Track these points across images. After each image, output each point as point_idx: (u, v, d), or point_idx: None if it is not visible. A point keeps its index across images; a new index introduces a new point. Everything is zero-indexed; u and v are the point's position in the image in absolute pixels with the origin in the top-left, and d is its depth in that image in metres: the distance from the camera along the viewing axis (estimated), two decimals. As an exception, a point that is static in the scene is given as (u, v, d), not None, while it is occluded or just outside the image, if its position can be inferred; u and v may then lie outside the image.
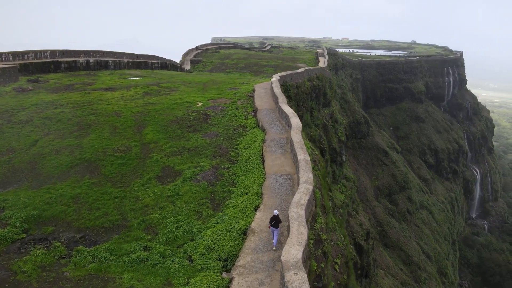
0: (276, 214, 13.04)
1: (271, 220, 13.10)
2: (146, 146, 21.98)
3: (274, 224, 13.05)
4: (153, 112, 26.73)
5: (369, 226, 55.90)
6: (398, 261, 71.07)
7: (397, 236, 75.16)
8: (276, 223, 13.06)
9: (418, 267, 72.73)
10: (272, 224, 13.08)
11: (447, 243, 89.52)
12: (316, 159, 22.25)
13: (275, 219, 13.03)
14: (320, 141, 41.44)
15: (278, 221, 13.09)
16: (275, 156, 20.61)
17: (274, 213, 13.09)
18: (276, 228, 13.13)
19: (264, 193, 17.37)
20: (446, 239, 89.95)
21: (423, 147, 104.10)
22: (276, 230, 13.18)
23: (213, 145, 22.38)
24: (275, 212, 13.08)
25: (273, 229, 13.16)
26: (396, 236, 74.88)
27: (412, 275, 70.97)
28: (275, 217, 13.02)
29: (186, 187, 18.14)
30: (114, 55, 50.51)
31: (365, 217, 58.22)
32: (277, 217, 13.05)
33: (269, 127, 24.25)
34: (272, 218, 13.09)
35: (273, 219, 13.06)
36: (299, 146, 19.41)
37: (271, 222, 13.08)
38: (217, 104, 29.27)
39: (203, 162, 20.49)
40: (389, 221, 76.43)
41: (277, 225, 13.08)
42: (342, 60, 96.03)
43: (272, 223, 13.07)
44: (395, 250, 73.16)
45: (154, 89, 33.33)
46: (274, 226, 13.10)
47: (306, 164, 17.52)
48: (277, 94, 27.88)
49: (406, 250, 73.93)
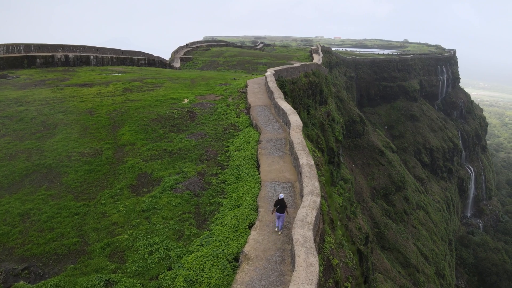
0: (281, 197, 12.10)
1: (276, 204, 12.12)
2: (121, 149, 18.58)
3: (279, 208, 12.08)
4: (132, 109, 23.32)
5: (368, 229, 53.01)
6: (396, 264, 68.41)
7: (394, 237, 72.50)
8: (282, 208, 12.08)
9: (416, 269, 70.16)
10: (277, 208, 12.09)
11: (444, 243, 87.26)
12: (318, 162, 19.12)
13: (280, 203, 12.05)
14: (318, 141, 38.34)
15: (284, 205, 12.11)
16: (272, 160, 17.40)
17: (279, 196, 12.13)
18: (281, 214, 12.16)
19: (260, 206, 14.14)
20: (443, 240, 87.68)
21: (418, 146, 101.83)
22: (281, 216, 12.21)
23: (200, 147, 19.08)
24: (280, 196, 12.14)
25: (278, 214, 12.18)
26: (393, 238, 72.22)
27: (410, 277, 68.37)
28: (280, 201, 12.04)
29: (165, 199, 14.82)
30: (97, 51, 46.82)
31: (363, 220, 55.35)
32: (282, 200, 12.05)
33: (265, 126, 21.03)
34: (277, 201, 12.11)
35: (278, 203, 12.08)
36: (301, 148, 16.23)
37: (276, 206, 12.11)
38: (206, 101, 25.95)
39: (187, 167, 17.18)
40: (386, 222, 73.74)
41: (282, 210, 12.09)
42: (336, 58, 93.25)
43: (276, 207, 12.09)
44: (393, 252, 70.49)
45: (136, 85, 29.88)
46: (279, 211, 12.11)
47: (310, 170, 14.33)
48: (272, 89, 24.66)
49: (404, 252, 71.30)
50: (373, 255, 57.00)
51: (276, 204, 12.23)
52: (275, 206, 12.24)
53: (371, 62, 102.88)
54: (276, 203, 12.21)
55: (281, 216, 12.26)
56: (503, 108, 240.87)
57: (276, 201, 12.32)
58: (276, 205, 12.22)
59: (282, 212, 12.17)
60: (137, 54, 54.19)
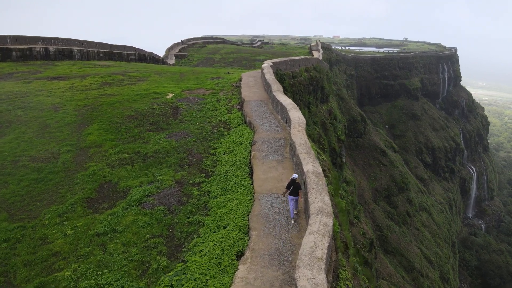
0: (295, 177, 10.59)
1: (289, 186, 10.56)
2: (84, 151, 15.04)
3: (293, 191, 10.47)
4: (107, 105, 19.77)
5: (372, 234, 49.55)
6: (400, 268, 64.98)
7: (397, 241, 69.07)
8: (295, 190, 10.48)
9: (420, 274, 66.74)
10: (290, 191, 10.49)
11: (447, 245, 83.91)
12: (325, 167, 15.67)
13: (294, 185, 10.48)
14: (320, 141, 34.87)
15: (297, 187, 10.51)
16: (268, 165, 13.88)
17: (293, 177, 10.58)
18: (295, 197, 10.52)
19: (253, 227, 10.65)
20: (446, 242, 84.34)
21: (420, 145, 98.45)
22: (295, 200, 10.54)
23: (181, 149, 15.56)
24: (294, 176, 10.62)
25: (292, 197, 10.53)
26: (396, 241, 68.79)
27: (414, 282, 64.94)
28: (294, 182, 10.49)
29: (130, 217, 11.30)
30: (82, 44, 43.19)
31: (367, 225, 51.88)
32: (295, 181, 10.49)
33: (260, 123, 17.51)
34: (290, 183, 10.55)
35: (290, 185, 10.53)
36: (305, 151, 12.71)
37: (289, 188, 10.54)
38: (193, 96, 22.42)
39: (163, 175, 13.66)
40: (389, 225, 70.30)
41: (296, 192, 10.50)
42: (336, 56, 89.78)
43: (289, 189, 10.51)
44: (396, 256, 67.07)
45: (117, 78, 26.33)
46: (292, 193, 10.49)
47: (318, 180, 10.81)
48: (269, 81, 21.12)
49: (408, 256, 67.87)
50: (377, 261, 53.70)
51: (289, 186, 10.54)
52: (287, 189, 10.56)
53: (372, 60, 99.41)
54: (289, 185, 10.55)
55: (295, 200, 10.56)
56: (502, 107, 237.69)
57: (288, 183, 10.60)
58: (289, 187, 10.53)
59: (296, 194, 10.47)
60: (126, 48, 50.60)
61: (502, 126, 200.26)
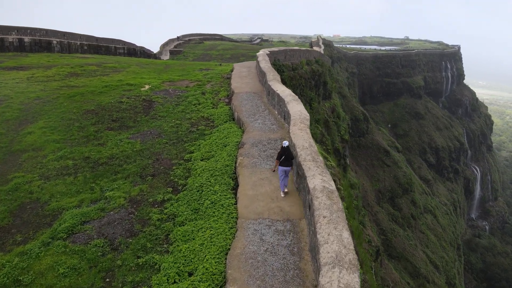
0: (286, 145, 8.64)
1: (280, 156, 8.59)
2: (14, 157, 11.14)
3: (284, 161, 8.44)
4: (64, 98, 15.88)
5: (378, 241, 45.63)
6: (405, 274, 61.04)
7: (402, 245, 65.14)
8: (287, 160, 8.46)
9: (426, 279, 62.79)
10: (281, 161, 8.49)
11: (453, 249, 79.99)
12: (336, 178, 11.80)
13: (285, 154, 8.50)
14: (323, 141, 30.97)
15: (290, 156, 8.55)
16: (259, 177, 9.99)
17: (284, 144, 8.69)
18: (287, 167, 8.52)
19: (231, 278, 6.73)
20: (452, 245, 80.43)
21: (424, 145, 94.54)
22: (287, 171, 8.56)
23: (146, 154, 11.66)
24: (285, 143, 8.70)
25: (283, 168, 8.53)
26: (401, 246, 64.85)
27: (420, 289, 61.04)
28: (285, 150, 8.51)
29: (49, 259, 7.41)
30: (63, 36, 39.33)
31: (372, 230, 47.95)
32: (287, 149, 8.54)
33: (251, 119, 13.60)
34: (281, 152, 8.57)
35: (282, 154, 8.54)
36: (310, 157, 8.79)
37: (280, 158, 8.56)
38: (174, 88, 18.52)
39: (114, 190, 9.77)
40: (393, 228, 66.36)
41: (289, 162, 8.49)
42: (337, 53, 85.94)
43: (281, 159, 8.51)
44: (401, 262, 63.13)
45: (89, 69, 22.42)
46: (283, 164, 8.46)
47: (331, 204, 6.87)
48: (264, 70, 17.20)
49: (413, 261, 63.94)
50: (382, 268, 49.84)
51: (280, 156, 8.81)
52: (278, 159, 8.82)
53: (374, 57, 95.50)
54: (280, 155, 8.82)
55: (287, 172, 8.81)
56: (503, 106, 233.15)
57: (279, 152, 8.86)
58: (280, 157, 8.81)
59: (288, 165, 8.78)
60: (115, 42, 46.71)
61: (503, 126, 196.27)
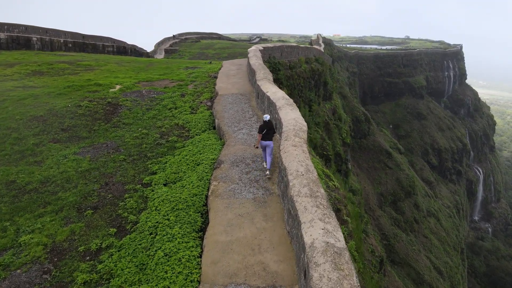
0: (267, 119, 8.05)
1: (261, 129, 7.94)
2: None
3: (266, 135, 7.87)
4: (11, 101, 12.99)
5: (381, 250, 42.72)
6: (408, 281, 58.15)
7: (405, 250, 62.25)
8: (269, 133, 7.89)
9: (430, 286, 59.95)
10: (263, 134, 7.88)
11: (456, 253, 77.05)
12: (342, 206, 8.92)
13: (267, 127, 7.92)
14: (323, 146, 28.12)
15: (271, 129, 7.94)
16: (237, 212, 7.12)
17: (265, 118, 8.08)
18: (269, 142, 7.92)
19: None
20: (455, 249, 77.50)
21: (426, 146, 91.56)
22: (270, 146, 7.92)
23: (92, 176, 8.79)
24: (266, 117, 8.10)
25: (265, 143, 7.93)
26: (404, 251, 61.97)
27: (424, 297, 58.20)
28: (267, 124, 7.96)
29: None
30: (46, 33, 36.50)
31: (375, 239, 45.08)
32: (269, 123, 7.98)
33: (235, 129, 10.72)
34: (263, 125, 7.96)
35: (263, 128, 7.93)
36: (306, 190, 5.92)
37: (261, 132, 7.91)
38: (150, 88, 15.64)
39: (35, 231, 6.94)
40: (395, 232, 63.43)
41: (270, 136, 7.91)
42: (338, 52, 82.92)
43: (263, 132, 7.89)
44: (404, 268, 60.25)
45: (58, 67, 19.55)
46: (265, 138, 7.91)
47: (339, 281, 4.01)
48: (254, 67, 14.28)
49: (416, 267, 61.07)
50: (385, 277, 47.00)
51: (261, 130, 7.81)
52: (260, 133, 7.82)
53: (375, 56, 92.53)
54: (262, 128, 7.81)
55: (269, 147, 7.81)
56: (504, 106, 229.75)
57: (260, 125, 7.87)
58: (261, 131, 7.81)
59: (270, 139, 7.82)
60: (103, 40, 43.85)
61: (504, 126, 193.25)
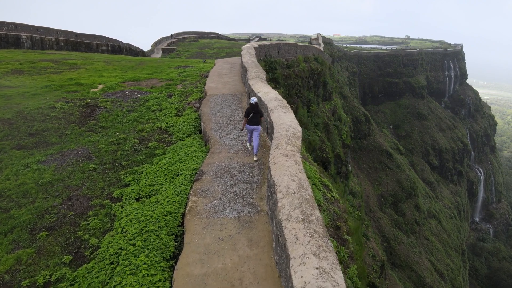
0: (253, 101, 7.51)
1: (248, 113, 7.49)
2: None
3: (253, 118, 7.43)
4: (-20, 102, 11.85)
5: (383, 255, 41.56)
6: (409, 284, 56.95)
7: (406, 253, 61.04)
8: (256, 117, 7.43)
9: (431, 290, 58.75)
10: (249, 118, 7.46)
11: (458, 255, 75.83)
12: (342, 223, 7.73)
13: (254, 111, 7.43)
14: (323, 148, 26.91)
15: (258, 112, 7.45)
16: (217, 235, 5.92)
17: (252, 101, 7.51)
18: (255, 126, 7.52)
19: None
20: (457, 251, 76.28)
21: (426, 147, 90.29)
22: (256, 130, 7.50)
23: (55, 189, 7.59)
24: (252, 100, 7.52)
25: (251, 127, 7.56)
26: (405, 254, 60.76)
27: (425, 300, 57.00)
28: (254, 107, 7.43)
29: None
30: (37, 31, 35.34)
31: (376, 242, 43.91)
32: (255, 106, 7.46)
33: (221, 133, 9.52)
34: (249, 109, 7.48)
35: (250, 111, 7.46)
36: (298, 213, 4.73)
37: (248, 116, 7.49)
38: (135, 88, 14.45)
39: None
40: (396, 235, 62.24)
41: (257, 120, 7.46)
42: (338, 52, 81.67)
43: (249, 116, 7.46)
44: (405, 271, 59.05)
45: (41, 66, 18.36)
46: (252, 122, 7.48)
47: None
48: (246, 65, 13.08)
49: (417, 270, 59.86)
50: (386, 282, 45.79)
51: (247, 114, 7.37)
52: (246, 117, 7.41)
53: (375, 56, 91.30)
54: (248, 112, 7.36)
55: (256, 131, 7.38)
56: (504, 106, 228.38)
57: (247, 109, 7.43)
58: (247, 115, 7.39)
59: (256, 123, 7.41)
60: (97, 38, 42.67)
61: (504, 126, 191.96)
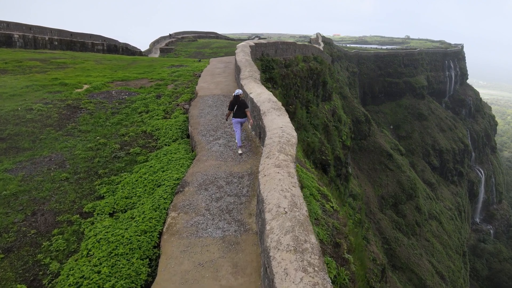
0: (238, 93, 7.25)
1: (232, 106, 7.26)
2: None
3: (237, 111, 7.16)
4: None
5: (383, 258, 40.69)
6: (410, 286, 56.10)
7: (407, 255, 60.19)
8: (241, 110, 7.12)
9: (432, 292, 57.90)
10: (234, 111, 7.21)
11: (459, 256, 74.96)
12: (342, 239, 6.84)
13: (238, 103, 7.16)
14: (322, 150, 26.04)
15: (243, 105, 7.16)
16: (197, 260, 5.03)
17: (236, 93, 7.25)
18: (241, 119, 7.21)
19: None
20: (458, 252, 75.42)
21: (427, 147, 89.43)
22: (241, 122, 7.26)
23: (20, 202, 6.72)
24: (237, 92, 7.26)
25: (237, 120, 7.21)
26: (405, 255, 59.91)
27: (426, 303, 56.14)
28: (238, 99, 7.17)
29: None
30: (30, 29, 34.48)
31: (377, 245, 43.02)
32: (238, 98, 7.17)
33: (209, 138, 8.65)
34: (233, 101, 7.21)
35: (234, 103, 7.20)
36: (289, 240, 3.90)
37: (232, 108, 7.26)
38: (122, 89, 13.57)
39: None
40: (396, 236, 61.38)
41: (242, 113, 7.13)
42: (337, 51, 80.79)
43: (233, 109, 7.23)
44: (406, 273, 58.21)
45: (27, 65, 17.49)
46: (237, 115, 7.18)
47: None
48: (240, 64, 12.18)
49: (418, 272, 59.00)
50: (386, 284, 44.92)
51: (232, 106, 7.11)
52: (230, 110, 7.16)
53: (375, 56, 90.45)
54: (232, 104, 7.08)
55: (241, 123, 7.17)
56: (504, 106, 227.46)
57: (231, 101, 7.12)
58: (232, 108, 7.12)
59: (242, 116, 7.09)
60: (93, 38, 41.82)
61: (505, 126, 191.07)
